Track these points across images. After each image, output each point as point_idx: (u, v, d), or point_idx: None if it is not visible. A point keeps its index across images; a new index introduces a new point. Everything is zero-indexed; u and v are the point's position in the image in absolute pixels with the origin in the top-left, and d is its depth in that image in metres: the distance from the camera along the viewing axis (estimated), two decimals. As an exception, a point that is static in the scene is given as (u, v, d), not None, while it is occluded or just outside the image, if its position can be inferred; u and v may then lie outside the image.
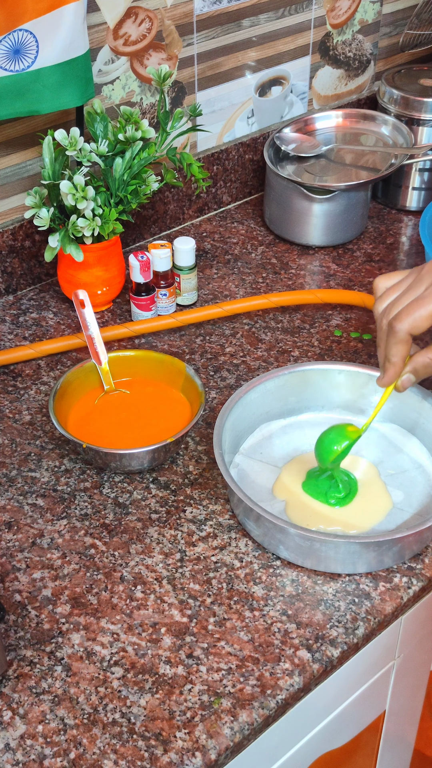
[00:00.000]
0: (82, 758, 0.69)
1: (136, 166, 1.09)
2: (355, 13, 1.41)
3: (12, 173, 1.13)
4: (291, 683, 0.74)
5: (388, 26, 1.48)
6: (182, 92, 1.25)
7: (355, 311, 1.15)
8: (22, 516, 0.88)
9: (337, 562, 0.81)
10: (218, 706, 0.72)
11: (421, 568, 0.83)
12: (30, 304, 1.18)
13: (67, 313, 1.16)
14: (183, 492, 0.91)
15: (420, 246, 1.28)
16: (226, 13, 1.24)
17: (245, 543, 0.85)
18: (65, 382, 0.96)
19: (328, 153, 1.31)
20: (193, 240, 1.13)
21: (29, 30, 0.98)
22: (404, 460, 0.92)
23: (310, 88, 1.42)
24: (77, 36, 1.02)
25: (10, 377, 1.06)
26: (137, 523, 0.88)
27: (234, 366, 1.07)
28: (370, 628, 0.79)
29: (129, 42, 1.16)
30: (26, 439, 0.97)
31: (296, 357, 1.08)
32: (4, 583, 0.82)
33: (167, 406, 0.97)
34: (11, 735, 0.70)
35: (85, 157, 1.06)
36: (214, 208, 1.37)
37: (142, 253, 1.09)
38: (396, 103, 1.36)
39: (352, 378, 0.95)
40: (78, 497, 0.90)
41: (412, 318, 0.80)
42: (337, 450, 0.84)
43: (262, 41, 1.30)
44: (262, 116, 1.38)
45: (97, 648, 0.77)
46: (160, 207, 1.28)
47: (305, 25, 1.34)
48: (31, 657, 0.76)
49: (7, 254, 1.16)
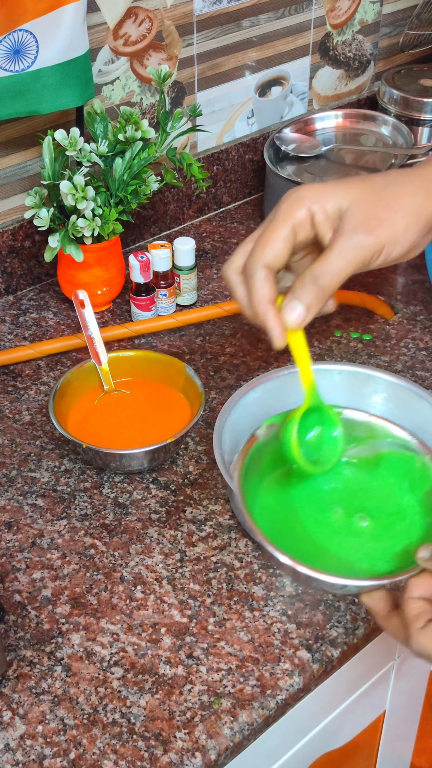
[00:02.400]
0: (82, 758, 0.69)
1: (136, 167, 1.09)
2: (355, 13, 1.41)
3: (12, 173, 1.13)
4: (291, 683, 0.74)
5: (388, 26, 1.48)
6: (182, 92, 1.25)
7: (355, 311, 1.15)
8: (22, 516, 0.88)
9: (337, 562, 0.81)
10: (218, 707, 0.72)
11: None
12: (30, 304, 1.18)
13: (67, 313, 1.16)
14: (183, 492, 0.91)
15: (420, 246, 1.28)
16: (226, 14, 1.24)
17: (245, 543, 0.85)
18: (65, 382, 0.96)
19: (328, 153, 1.31)
20: (193, 240, 1.13)
21: (29, 30, 0.98)
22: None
23: (310, 88, 1.42)
24: (77, 36, 1.02)
25: (10, 377, 1.06)
26: (137, 523, 0.88)
27: (234, 366, 1.07)
28: (370, 628, 0.79)
29: (129, 42, 1.16)
30: (26, 439, 0.97)
31: (296, 357, 1.08)
32: (4, 583, 0.82)
33: (167, 406, 0.97)
34: (11, 735, 0.70)
35: (85, 157, 1.06)
36: (214, 209, 1.37)
37: (142, 253, 1.09)
38: (396, 104, 1.36)
39: (352, 378, 0.95)
40: (78, 497, 0.90)
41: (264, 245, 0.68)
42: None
43: (262, 41, 1.30)
44: (262, 116, 1.38)
45: (97, 648, 0.77)
46: (160, 207, 1.28)
47: (305, 25, 1.34)
48: (31, 657, 0.76)
49: (7, 254, 1.16)
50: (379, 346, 1.09)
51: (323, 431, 0.74)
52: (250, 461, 0.73)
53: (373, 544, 0.71)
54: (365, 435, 0.76)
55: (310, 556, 0.69)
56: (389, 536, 0.71)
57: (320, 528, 0.73)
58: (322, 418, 0.74)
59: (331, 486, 0.76)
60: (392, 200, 0.70)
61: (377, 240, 0.68)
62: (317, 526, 0.73)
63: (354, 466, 0.77)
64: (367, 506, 0.73)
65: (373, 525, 0.72)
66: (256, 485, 0.74)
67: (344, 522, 0.73)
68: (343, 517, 0.73)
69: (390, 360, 1.07)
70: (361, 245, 0.68)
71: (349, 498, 0.74)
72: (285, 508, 0.73)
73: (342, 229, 0.68)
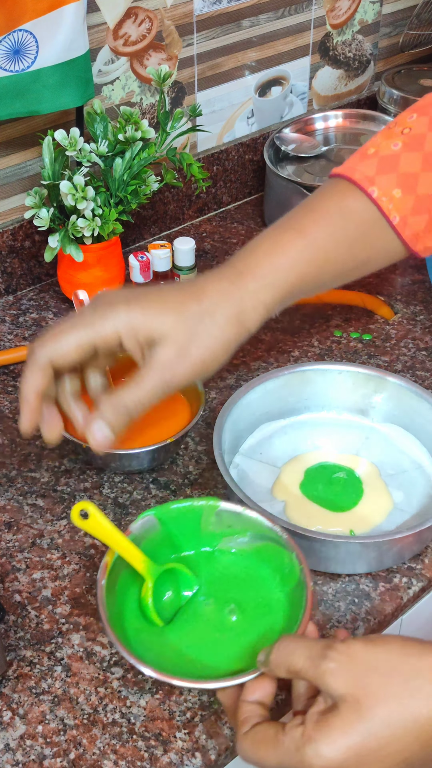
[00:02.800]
0: (82, 758, 0.69)
1: (136, 167, 1.09)
2: (355, 13, 1.41)
3: (12, 173, 1.13)
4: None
5: (388, 26, 1.48)
6: (182, 92, 1.25)
7: (355, 311, 1.15)
8: (22, 516, 0.88)
9: (337, 562, 0.81)
10: (218, 706, 0.72)
11: (421, 568, 0.83)
12: (30, 304, 1.18)
13: (67, 313, 1.16)
14: (183, 492, 0.91)
15: (420, 246, 1.28)
16: (226, 14, 1.24)
17: (245, 543, 0.85)
18: None
19: (328, 153, 1.31)
20: (192, 240, 1.13)
21: (29, 30, 0.98)
22: (404, 460, 0.92)
23: (310, 88, 1.42)
24: (77, 36, 1.02)
25: (10, 377, 1.06)
26: (137, 523, 0.88)
27: (234, 366, 1.07)
28: (370, 628, 0.79)
29: (129, 42, 1.16)
30: (26, 439, 0.97)
31: (296, 357, 1.08)
32: (4, 583, 0.82)
33: (167, 406, 0.97)
34: (11, 735, 0.70)
35: (85, 157, 1.06)
36: (214, 209, 1.37)
37: (142, 253, 1.09)
38: (396, 104, 1.36)
39: (352, 378, 0.95)
40: (78, 497, 0.90)
41: (55, 343, 0.71)
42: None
43: (262, 41, 1.30)
44: (262, 116, 1.38)
45: (97, 648, 0.77)
46: (159, 207, 1.28)
47: (305, 25, 1.35)
48: (31, 657, 0.76)
49: (7, 254, 1.16)
50: (379, 346, 1.09)
51: (178, 590, 0.75)
52: (118, 558, 0.73)
53: (238, 639, 0.71)
54: (243, 527, 0.76)
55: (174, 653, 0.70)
56: (254, 631, 0.71)
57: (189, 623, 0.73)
58: (175, 577, 0.75)
59: (207, 575, 0.76)
60: (205, 337, 0.72)
61: (186, 378, 0.72)
62: (187, 620, 0.73)
63: (232, 556, 0.77)
64: (238, 598, 0.74)
65: (241, 618, 0.72)
66: (126, 582, 0.74)
67: (215, 615, 0.73)
68: (214, 609, 0.74)
69: (390, 360, 1.07)
70: (171, 383, 0.72)
71: (223, 588, 0.75)
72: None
73: (153, 362, 0.71)
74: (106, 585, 0.71)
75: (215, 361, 0.73)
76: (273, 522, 0.74)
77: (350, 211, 0.78)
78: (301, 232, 0.77)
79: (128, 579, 0.73)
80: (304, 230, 0.77)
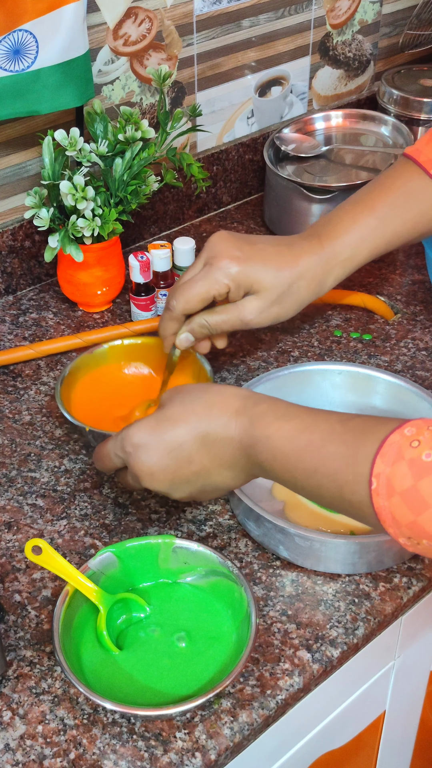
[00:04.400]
0: (82, 758, 0.69)
1: (136, 167, 1.09)
2: (354, 13, 1.41)
3: (12, 173, 1.13)
4: (291, 683, 0.74)
5: (388, 26, 1.48)
6: (182, 92, 1.25)
7: (355, 311, 1.15)
8: (22, 516, 0.88)
9: (337, 562, 0.81)
10: (218, 707, 0.72)
11: (420, 568, 0.83)
12: (30, 304, 1.18)
13: (67, 313, 1.16)
14: (183, 492, 0.91)
15: (419, 246, 1.28)
16: (226, 14, 1.24)
17: (245, 543, 0.85)
18: (74, 368, 0.97)
19: (328, 153, 1.31)
20: (192, 240, 1.13)
21: (29, 30, 0.98)
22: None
23: (310, 88, 1.42)
24: (77, 36, 1.02)
25: (10, 377, 1.06)
26: (137, 523, 0.88)
27: (234, 366, 1.07)
28: (370, 628, 0.79)
29: (129, 42, 1.16)
30: (26, 440, 0.97)
31: (296, 357, 1.08)
32: (4, 583, 0.82)
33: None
34: (11, 735, 0.70)
35: (84, 157, 1.06)
36: (214, 209, 1.37)
37: (142, 253, 1.09)
38: (396, 104, 1.36)
39: (352, 378, 0.95)
40: (78, 497, 0.90)
41: (184, 298, 0.89)
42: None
43: (262, 41, 1.30)
44: (262, 116, 1.38)
45: (97, 648, 0.76)
46: (159, 207, 1.28)
47: (305, 25, 1.35)
48: (31, 657, 0.76)
49: (7, 254, 1.16)
50: (379, 346, 1.09)
51: (131, 616, 0.78)
52: (76, 591, 0.75)
53: (186, 666, 0.74)
54: (197, 563, 0.79)
55: (127, 679, 0.73)
56: (201, 659, 0.74)
57: (140, 650, 0.75)
58: (129, 607, 0.78)
59: (161, 605, 0.78)
60: (290, 300, 0.91)
61: (261, 325, 0.91)
62: (139, 647, 0.76)
63: (188, 589, 0.79)
64: (188, 627, 0.76)
65: (190, 646, 0.75)
66: (83, 616, 0.76)
67: (163, 641, 0.76)
68: (163, 636, 0.76)
69: (390, 360, 1.07)
70: (247, 325, 0.91)
71: (175, 617, 0.78)
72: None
73: (242, 306, 0.90)
74: (63, 620, 0.74)
75: (288, 316, 0.92)
76: (224, 558, 0.78)
77: (415, 191, 0.92)
78: (374, 210, 0.92)
79: (87, 612, 0.76)
80: (375, 208, 0.92)
